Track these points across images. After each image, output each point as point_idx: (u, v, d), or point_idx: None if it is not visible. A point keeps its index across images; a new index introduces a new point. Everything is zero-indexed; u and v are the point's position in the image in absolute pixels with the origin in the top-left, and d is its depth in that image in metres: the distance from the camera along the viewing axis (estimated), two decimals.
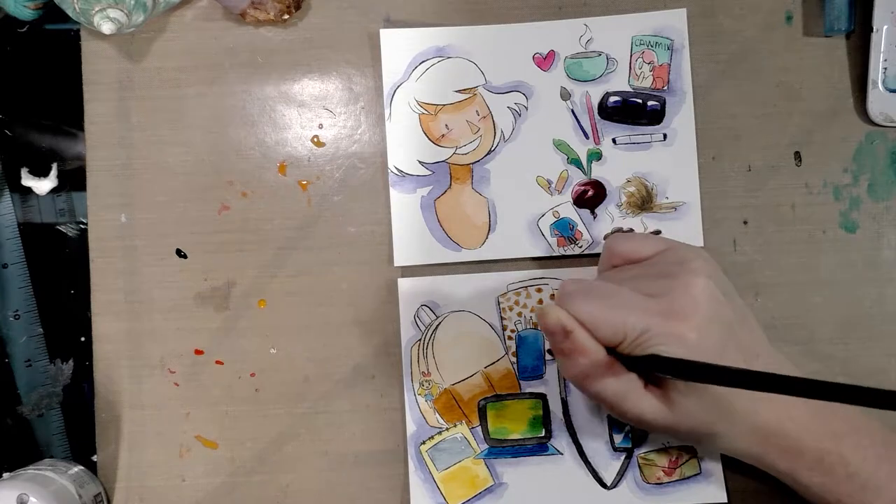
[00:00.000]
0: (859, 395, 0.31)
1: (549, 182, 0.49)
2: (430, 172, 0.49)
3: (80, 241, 0.50)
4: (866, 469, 0.40)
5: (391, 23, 0.50)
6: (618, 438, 0.48)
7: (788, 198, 0.50)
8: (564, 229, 0.49)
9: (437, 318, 0.49)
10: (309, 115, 0.50)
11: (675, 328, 0.38)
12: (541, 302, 0.49)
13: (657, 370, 0.39)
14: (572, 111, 0.49)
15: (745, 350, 0.40)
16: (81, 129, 0.50)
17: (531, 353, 0.49)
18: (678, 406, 0.40)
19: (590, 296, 0.40)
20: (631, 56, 0.49)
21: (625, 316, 0.39)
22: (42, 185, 0.50)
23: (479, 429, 0.49)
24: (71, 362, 0.50)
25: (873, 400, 0.31)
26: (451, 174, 0.49)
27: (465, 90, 0.50)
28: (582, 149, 0.49)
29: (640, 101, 0.49)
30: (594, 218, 0.49)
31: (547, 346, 0.49)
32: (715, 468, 0.48)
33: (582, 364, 0.39)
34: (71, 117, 0.50)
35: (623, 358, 0.40)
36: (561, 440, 0.48)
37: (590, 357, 0.39)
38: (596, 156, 0.49)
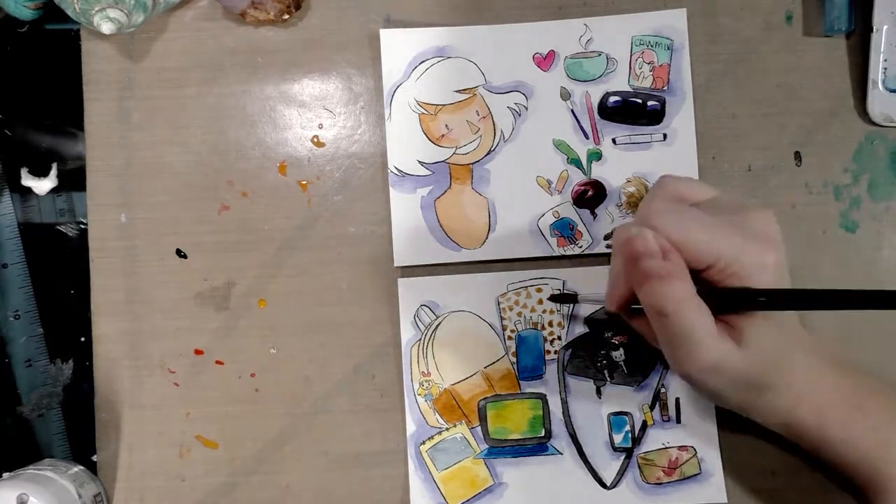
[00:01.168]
0: None
1: (549, 182, 0.49)
2: (430, 172, 0.49)
3: (80, 241, 0.50)
4: (890, 425, 0.40)
5: (391, 23, 0.50)
6: (618, 438, 0.48)
7: (788, 198, 0.50)
8: (564, 229, 0.49)
9: (437, 318, 0.49)
10: (309, 115, 0.50)
11: (764, 257, 0.38)
12: (541, 302, 0.49)
13: (749, 304, 0.38)
14: (572, 111, 0.49)
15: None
16: (81, 129, 0.50)
17: (531, 353, 0.49)
18: (750, 348, 0.38)
19: (682, 214, 0.38)
20: (631, 56, 0.49)
21: (719, 240, 0.37)
22: (42, 185, 0.50)
23: (479, 429, 0.49)
24: (71, 362, 0.50)
25: None
26: (451, 174, 0.49)
27: (465, 90, 0.50)
28: (582, 149, 0.49)
29: (640, 101, 0.49)
30: (594, 218, 0.49)
31: (548, 340, 0.49)
32: (715, 468, 0.48)
33: (675, 289, 0.37)
34: (71, 117, 0.50)
35: (711, 290, 0.38)
36: (561, 440, 0.48)
37: (685, 283, 0.37)
38: (596, 156, 0.49)
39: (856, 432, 0.41)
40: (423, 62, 0.50)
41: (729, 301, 0.39)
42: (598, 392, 0.49)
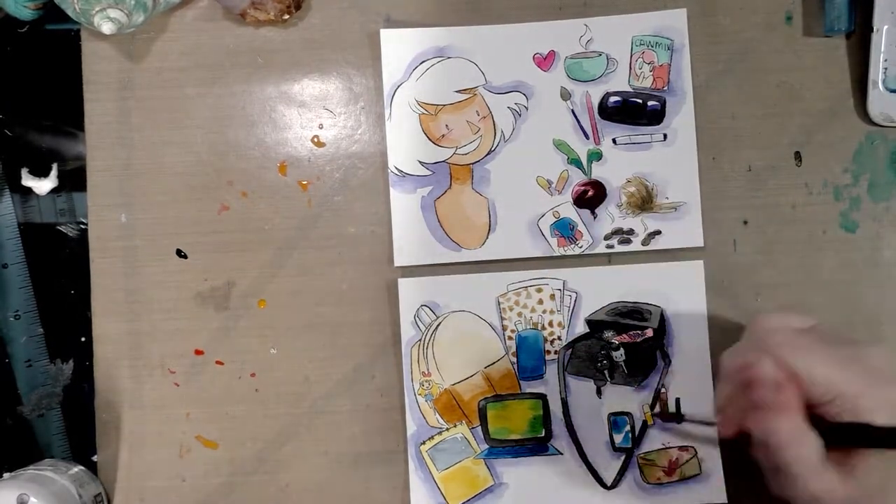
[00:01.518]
0: None
1: (549, 182, 0.49)
2: (430, 172, 0.49)
3: (80, 241, 0.50)
4: None
5: (391, 23, 0.50)
6: (618, 438, 0.48)
7: (788, 198, 0.50)
8: (564, 229, 0.49)
9: (437, 318, 0.49)
10: (309, 115, 0.50)
11: (882, 394, 0.37)
12: (541, 302, 0.49)
13: (868, 440, 0.37)
14: (572, 111, 0.49)
15: None
16: (81, 129, 0.50)
17: (531, 354, 0.49)
18: (858, 480, 0.38)
19: (808, 347, 0.38)
20: (631, 56, 0.49)
21: (840, 375, 0.37)
22: (42, 185, 0.50)
23: (479, 429, 0.49)
24: (71, 362, 0.50)
25: None
26: (451, 174, 0.49)
27: (465, 90, 0.50)
28: (582, 149, 0.49)
29: (640, 101, 0.49)
30: (594, 218, 0.49)
31: (549, 341, 0.49)
32: (715, 469, 0.48)
33: (786, 421, 0.38)
34: (71, 117, 0.50)
35: (829, 425, 0.38)
36: (561, 440, 0.48)
37: (796, 417, 0.38)
38: (596, 156, 0.49)
39: None
40: (423, 62, 0.50)
41: (843, 436, 0.38)
42: (599, 392, 0.49)
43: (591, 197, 0.49)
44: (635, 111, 0.49)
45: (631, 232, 0.49)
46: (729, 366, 0.41)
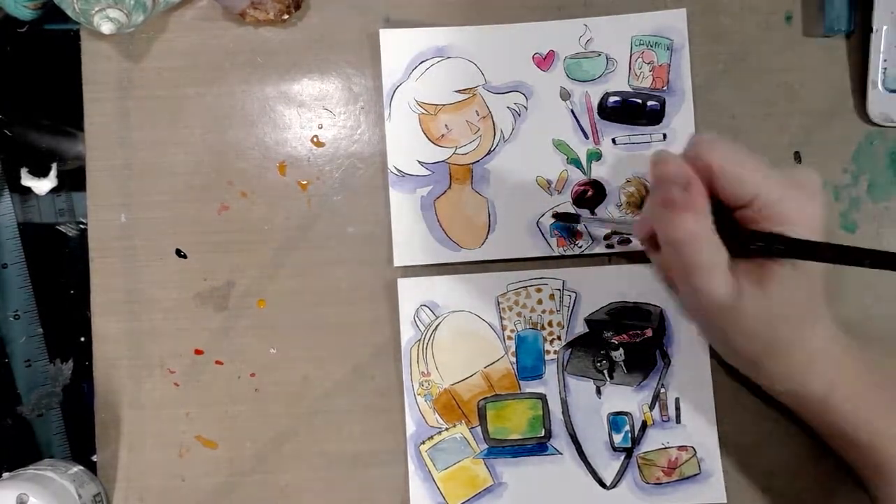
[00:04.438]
0: None
1: (549, 182, 0.49)
2: (429, 172, 0.50)
3: (80, 241, 0.50)
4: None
5: (391, 23, 0.50)
6: (617, 438, 0.48)
7: None
8: (564, 229, 0.49)
9: (437, 318, 0.49)
10: (309, 115, 0.50)
11: (806, 207, 0.37)
12: (541, 302, 0.49)
13: (781, 250, 0.37)
14: (572, 111, 0.49)
15: None
16: (81, 129, 0.50)
17: (531, 353, 0.49)
18: (775, 292, 0.38)
19: (732, 148, 0.38)
20: (631, 56, 0.49)
21: (764, 178, 0.37)
22: (42, 185, 0.50)
23: (478, 429, 0.49)
24: (71, 362, 0.50)
25: None
26: (450, 174, 0.49)
27: (464, 90, 0.50)
28: (582, 149, 0.49)
29: (639, 101, 0.49)
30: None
31: (548, 340, 0.49)
32: (714, 468, 0.48)
33: (688, 220, 0.37)
34: (71, 117, 0.50)
35: (743, 230, 0.38)
36: (560, 440, 0.49)
37: (700, 214, 0.37)
38: (596, 156, 0.49)
39: (865, 409, 0.40)
40: (423, 62, 0.50)
41: (756, 244, 0.38)
42: (598, 392, 0.49)
43: (591, 197, 0.49)
44: (635, 111, 0.49)
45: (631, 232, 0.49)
46: (651, 161, 0.40)
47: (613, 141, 0.49)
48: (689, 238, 0.37)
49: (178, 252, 0.50)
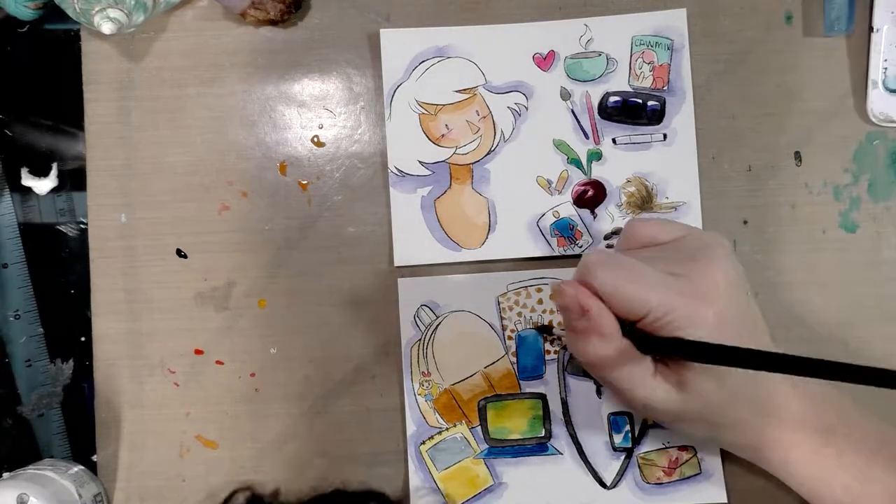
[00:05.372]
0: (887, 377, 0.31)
1: (549, 182, 0.49)
2: (430, 172, 0.50)
3: (80, 241, 0.50)
4: (857, 462, 0.40)
5: (391, 23, 0.50)
6: (618, 438, 0.48)
7: (788, 198, 0.50)
8: (564, 229, 0.49)
9: (437, 318, 0.49)
10: (309, 115, 0.50)
11: (699, 311, 0.38)
12: (541, 302, 0.49)
13: (681, 353, 0.38)
14: (572, 111, 0.49)
15: (753, 341, 0.40)
16: (81, 129, 0.50)
17: (531, 353, 0.49)
18: (692, 392, 0.39)
19: (616, 267, 0.38)
20: (631, 56, 0.49)
21: (650, 292, 0.38)
22: (42, 185, 0.50)
23: (479, 429, 0.49)
24: (71, 362, 0.50)
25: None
26: (451, 174, 0.50)
27: (465, 90, 0.50)
28: (582, 149, 0.49)
29: (640, 101, 0.49)
30: (594, 218, 0.49)
31: (548, 340, 0.49)
32: (715, 468, 0.48)
33: (596, 345, 0.38)
34: (71, 117, 0.50)
35: (644, 338, 0.39)
36: (561, 440, 0.49)
37: (606, 337, 0.38)
38: (596, 156, 0.49)
39: (825, 474, 0.41)
40: (423, 62, 0.50)
41: (658, 349, 0.39)
42: (598, 392, 0.49)
43: (591, 197, 0.49)
44: (635, 111, 0.49)
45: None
46: (551, 293, 0.42)
47: (614, 141, 0.49)
48: (602, 362, 0.39)
49: (179, 252, 0.50)
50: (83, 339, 0.50)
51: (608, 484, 0.48)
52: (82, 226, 0.50)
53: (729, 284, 0.39)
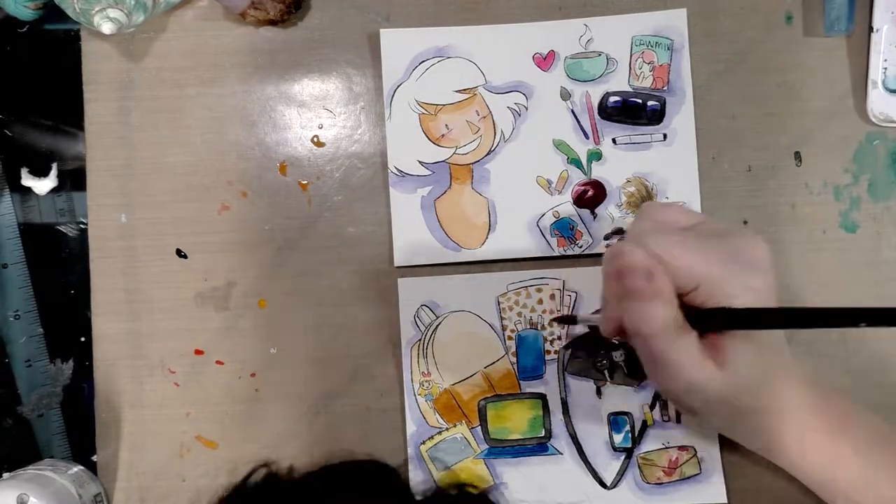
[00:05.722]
0: None
1: (549, 182, 0.49)
2: (430, 172, 0.50)
3: (80, 241, 0.50)
4: (864, 451, 0.41)
5: (391, 23, 0.50)
6: (618, 438, 0.48)
7: (788, 198, 0.50)
8: (564, 229, 0.49)
9: (437, 318, 0.49)
10: (309, 115, 0.50)
11: (749, 280, 0.37)
12: (541, 301, 0.49)
13: (730, 323, 0.38)
14: (572, 111, 0.49)
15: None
16: (81, 129, 0.50)
17: (531, 353, 0.49)
18: (733, 369, 0.38)
19: (668, 236, 0.38)
20: (631, 56, 0.49)
21: (703, 262, 0.37)
22: (42, 185, 0.50)
23: (479, 429, 0.49)
24: (71, 362, 0.50)
25: None
26: (451, 174, 0.49)
27: (465, 90, 0.50)
28: (582, 149, 0.49)
29: (640, 101, 0.49)
30: (594, 218, 0.49)
31: (548, 340, 0.49)
32: (715, 468, 0.48)
33: (659, 309, 0.37)
34: (71, 117, 0.50)
35: (694, 312, 0.38)
36: (561, 440, 0.48)
37: (666, 304, 0.37)
38: (596, 156, 0.49)
39: (838, 461, 0.41)
40: (423, 62, 0.50)
41: (707, 321, 0.39)
42: (598, 392, 0.49)
43: (591, 197, 0.49)
44: (635, 111, 0.49)
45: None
46: (606, 256, 0.40)
47: (614, 141, 0.49)
48: (659, 330, 0.37)
49: (179, 252, 0.50)
50: (83, 339, 0.50)
51: (608, 484, 0.48)
52: (82, 226, 0.50)
53: (770, 257, 0.39)
